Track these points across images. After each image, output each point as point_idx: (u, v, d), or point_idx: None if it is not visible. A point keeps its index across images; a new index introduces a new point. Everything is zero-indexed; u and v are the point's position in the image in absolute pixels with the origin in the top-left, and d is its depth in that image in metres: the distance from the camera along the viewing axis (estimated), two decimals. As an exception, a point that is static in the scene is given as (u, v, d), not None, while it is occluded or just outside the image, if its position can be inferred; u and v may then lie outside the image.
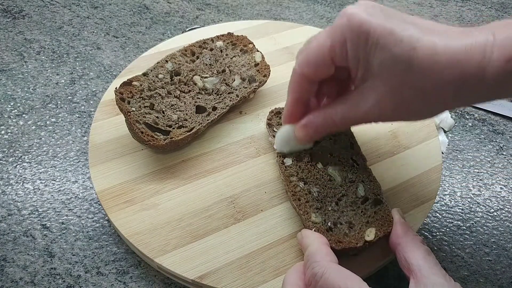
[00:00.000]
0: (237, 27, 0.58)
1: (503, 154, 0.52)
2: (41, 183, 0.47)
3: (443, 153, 0.51)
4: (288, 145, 0.40)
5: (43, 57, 0.62)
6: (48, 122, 0.53)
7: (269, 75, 0.48)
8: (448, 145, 0.52)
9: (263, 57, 0.50)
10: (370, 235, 0.35)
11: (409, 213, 0.40)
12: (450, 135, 0.54)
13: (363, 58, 0.30)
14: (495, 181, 0.49)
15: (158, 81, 0.45)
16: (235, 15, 0.72)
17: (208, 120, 0.44)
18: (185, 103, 0.44)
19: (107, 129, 0.46)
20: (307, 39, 0.34)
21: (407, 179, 0.43)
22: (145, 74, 0.45)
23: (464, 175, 0.49)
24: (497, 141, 0.53)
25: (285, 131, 0.39)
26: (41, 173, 0.48)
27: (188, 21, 0.70)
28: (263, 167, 0.43)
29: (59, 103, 0.56)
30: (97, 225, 0.44)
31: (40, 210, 0.45)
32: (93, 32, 0.67)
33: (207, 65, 0.48)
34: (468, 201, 0.47)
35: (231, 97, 0.46)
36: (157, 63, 0.46)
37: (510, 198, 0.47)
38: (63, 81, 0.59)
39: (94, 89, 0.57)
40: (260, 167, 0.43)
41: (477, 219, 0.45)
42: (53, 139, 0.51)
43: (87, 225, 0.44)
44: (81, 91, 0.57)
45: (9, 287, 0.39)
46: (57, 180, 0.47)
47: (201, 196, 0.41)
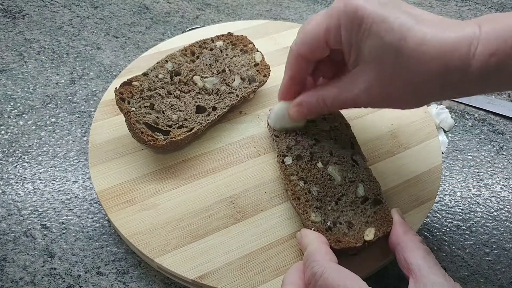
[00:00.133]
0: (237, 27, 0.58)
1: (503, 154, 0.52)
2: (41, 183, 0.47)
3: (443, 153, 0.51)
4: (281, 122, 0.41)
5: (43, 57, 0.62)
6: (48, 122, 0.53)
7: (269, 75, 0.48)
8: (448, 145, 0.52)
9: (263, 57, 0.50)
10: (369, 235, 0.35)
11: (409, 213, 0.40)
12: (450, 135, 0.54)
13: (356, 43, 0.30)
14: (495, 181, 0.49)
15: (158, 81, 0.45)
16: (235, 15, 0.72)
17: (208, 120, 0.44)
18: (185, 103, 0.44)
19: (107, 129, 0.46)
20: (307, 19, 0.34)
21: (407, 179, 0.43)
22: (145, 74, 0.45)
23: (464, 175, 0.49)
24: (497, 141, 0.53)
25: (280, 108, 0.40)
26: (41, 173, 0.48)
27: (188, 21, 0.70)
28: (263, 167, 0.43)
29: (59, 103, 0.56)
30: (97, 225, 0.44)
31: (40, 210, 0.45)
32: (93, 32, 0.67)
33: (207, 65, 0.48)
34: (468, 201, 0.47)
35: (231, 97, 0.46)
36: (157, 63, 0.46)
37: (510, 198, 0.47)
38: (63, 81, 0.59)
39: (94, 89, 0.57)
40: (260, 167, 0.43)
41: (477, 219, 0.45)
42: (53, 139, 0.51)
43: (87, 225, 0.44)
44: (81, 91, 0.57)
45: (9, 287, 0.39)
46: (57, 180, 0.47)
47: (201, 196, 0.41)
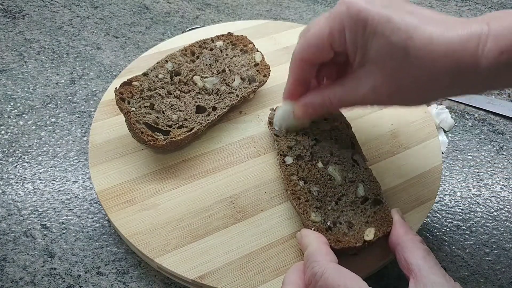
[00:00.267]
0: (237, 27, 0.58)
1: (503, 154, 0.52)
2: (41, 183, 0.47)
3: (443, 153, 0.51)
4: (286, 122, 0.41)
5: (43, 57, 0.62)
6: (48, 122, 0.53)
7: (269, 75, 0.48)
8: (448, 145, 0.52)
9: (263, 57, 0.50)
10: (369, 235, 0.35)
11: (409, 213, 0.40)
12: (450, 135, 0.54)
13: (361, 45, 0.30)
14: (495, 181, 0.49)
15: (158, 81, 0.45)
16: (235, 15, 0.72)
17: (208, 120, 0.44)
18: (185, 103, 0.44)
19: (107, 129, 0.46)
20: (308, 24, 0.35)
21: (407, 179, 0.43)
22: (145, 74, 0.45)
23: (464, 175, 0.49)
24: (497, 141, 0.53)
25: (284, 109, 0.40)
26: (41, 173, 0.48)
27: (188, 21, 0.70)
28: (263, 167, 0.43)
29: (59, 103, 0.56)
30: (97, 225, 0.44)
31: (40, 210, 0.45)
32: (93, 32, 0.67)
33: (207, 65, 0.48)
34: (468, 201, 0.47)
35: (231, 97, 0.46)
36: (157, 63, 0.46)
37: (510, 198, 0.47)
38: (63, 81, 0.59)
39: (94, 89, 0.57)
40: (260, 167, 0.43)
41: (477, 219, 0.45)
42: (53, 139, 0.51)
43: (87, 225, 0.44)
44: (81, 91, 0.57)
45: (9, 287, 0.39)
46: (57, 180, 0.47)
47: (201, 196, 0.41)
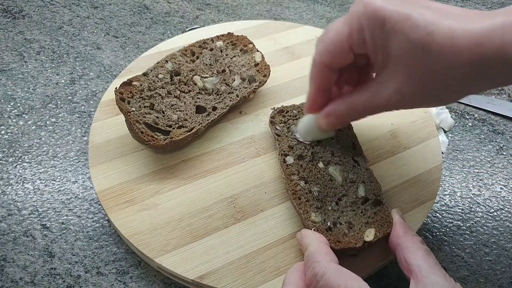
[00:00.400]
0: (237, 27, 0.58)
1: (503, 154, 0.52)
2: (41, 183, 0.47)
3: (443, 153, 0.51)
4: (311, 134, 0.40)
5: (43, 57, 0.62)
6: (48, 122, 0.53)
7: (269, 75, 0.48)
8: (448, 145, 0.52)
9: (263, 57, 0.50)
10: (369, 235, 0.35)
11: (409, 213, 0.40)
12: (450, 135, 0.54)
13: (381, 44, 0.30)
14: (495, 181, 0.49)
15: (158, 81, 0.45)
16: (235, 15, 0.72)
17: (208, 120, 0.44)
18: (185, 103, 0.44)
19: (107, 129, 0.46)
20: (324, 30, 0.34)
21: (407, 179, 0.43)
22: (145, 74, 0.45)
23: (464, 175, 0.49)
24: (497, 141, 0.53)
25: (308, 121, 0.39)
26: (41, 173, 0.48)
27: (188, 21, 0.70)
28: (263, 167, 0.43)
29: (59, 103, 0.56)
30: (97, 225, 0.44)
31: (40, 210, 0.45)
32: (93, 32, 0.67)
33: (207, 65, 0.48)
34: (468, 201, 0.47)
35: (231, 97, 0.46)
36: (157, 63, 0.46)
37: (510, 198, 0.47)
38: (63, 81, 0.59)
39: (94, 89, 0.57)
40: (260, 167, 0.43)
41: (477, 219, 0.45)
42: (53, 139, 0.51)
43: (87, 225, 0.44)
44: (81, 91, 0.57)
45: (9, 287, 0.39)
46: (57, 180, 0.47)
47: (201, 196, 0.41)
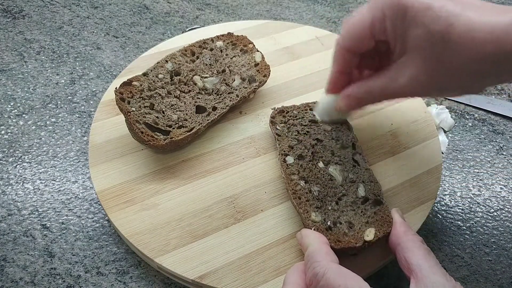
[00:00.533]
0: (237, 27, 0.58)
1: (503, 154, 0.52)
2: (41, 183, 0.47)
3: (443, 153, 0.51)
4: (328, 114, 0.42)
5: (43, 57, 0.62)
6: (48, 122, 0.53)
7: (269, 75, 0.48)
8: (448, 145, 0.52)
9: (263, 57, 0.50)
10: (369, 235, 0.35)
11: (409, 213, 0.40)
12: (450, 135, 0.54)
13: (401, 33, 0.30)
14: (495, 181, 0.49)
15: (158, 81, 0.45)
16: (235, 15, 0.72)
17: (208, 120, 0.44)
18: (185, 103, 0.44)
19: (107, 129, 0.46)
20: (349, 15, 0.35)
21: (407, 179, 0.43)
22: (145, 74, 0.45)
23: (464, 175, 0.49)
24: (497, 141, 0.53)
25: (327, 101, 0.40)
26: (41, 173, 0.48)
27: (188, 21, 0.70)
28: (263, 167, 0.43)
29: (59, 103, 0.56)
30: (97, 225, 0.44)
31: (40, 210, 0.45)
32: (93, 32, 0.67)
33: (207, 65, 0.48)
34: (468, 201, 0.47)
35: (231, 97, 0.46)
36: (157, 63, 0.46)
37: (510, 198, 0.47)
38: (63, 81, 0.59)
39: (94, 89, 0.57)
40: (260, 167, 0.43)
41: (477, 219, 0.45)
42: (53, 139, 0.51)
43: (87, 225, 0.44)
44: (81, 91, 0.57)
45: (9, 287, 0.39)
46: (57, 180, 0.47)
47: (201, 196, 0.41)
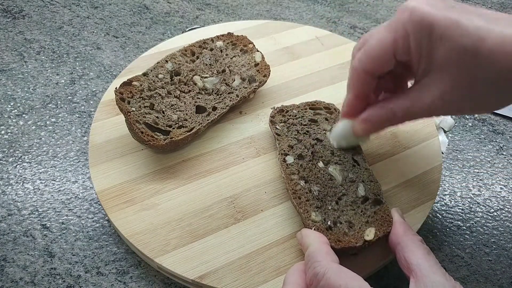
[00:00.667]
0: (237, 27, 0.58)
1: (503, 154, 0.52)
2: (41, 183, 0.47)
3: (443, 153, 0.51)
4: (346, 139, 0.40)
5: (43, 57, 0.62)
6: (48, 122, 0.53)
7: (269, 75, 0.48)
8: (448, 145, 0.52)
9: (263, 57, 0.50)
10: (369, 234, 0.35)
11: (409, 213, 0.40)
12: (450, 135, 0.54)
13: (426, 51, 0.30)
14: (495, 181, 0.49)
15: (158, 81, 0.45)
16: (235, 15, 0.72)
17: (208, 120, 0.44)
18: (185, 103, 0.44)
19: (107, 129, 0.46)
20: (362, 36, 0.34)
21: (407, 179, 0.43)
22: (145, 74, 0.45)
23: (464, 175, 0.49)
24: (497, 141, 0.53)
25: (343, 126, 0.39)
26: (41, 173, 0.48)
27: (188, 21, 0.70)
28: (263, 167, 0.43)
29: (59, 103, 0.56)
30: (97, 225, 0.44)
31: (40, 210, 0.45)
32: (93, 32, 0.67)
33: (207, 65, 0.48)
34: (468, 201, 0.47)
35: (231, 97, 0.46)
36: (157, 63, 0.46)
37: (510, 198, 0.47)
38: (63, 81, 0.59)
39: (94, 89, 0.57)
40: (260, 167, 0.43)
41: (477, 219, 0.45)
42: (53, 139, 0.51)
43: (87, 225, 0.44)
44: (81, 91, 0.57)
45: (9, 287, 0.39)
46: (57, 180, 0.47)
47: (201, 196, 0.41)
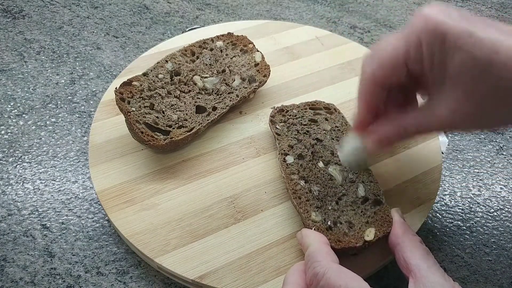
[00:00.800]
0: (237, 27, 0.58)
1: (503, 154, 0.52)
2: (41, 183, 0.47)
3: (443, 153, 0.51)
4: (357, 158, 0.38)
5: (43, 57, 0.62)
6: (48, 122, 0.53)
7: (269, 75, 0.48)
8: (448, 145, 0.52)
9: (263, 57, 0.50)
10: (369, 235, 0.35)
11: (409, 213, 0.40)
12: (450, 135, 0.54)
13: (439, 60, 0.29)
14: (495, 181, 0.49)
15: (158, 81, 0.45)
16: (235, 15, 0.72)
17: (208, 120, 0.44)
18: (185, 103, 0.44)
19: (107, 129, 0.46)
20: (373, 46, 0.33)
21: (407, 179, 0.43)
22: (145, 74, 0.45)
23: (464, 175, 0.49)
24: (497, 141, 0.53)
25: (354, 146, 0.37)
26: (41, 173, 0.48)
27: (188, 21, 0.70)
28: (263, 167, 0.43)
29: (59, 103, 0.56)
30: (97, 225, 0.44)
31: (40, 210, 0.45)
32: (93, 32, 0.67)
33: (207, 65, 0.48)
34: (468, 201, 0.47)
35: (231, 97, 0.46)
36: (157, 63, 0.46)
37: (510, 198, 0.47)
38: (63, 81, 0.59)
39: (94, 89, 0.57)
40: (260, 167, 0.43)
41: (477, 219, 0.45)
42: (53, 139, 0.51)
43: (87, 225, 0.44)
44: (81, 91, 0.57)
45: (9, 287, 0.39)
46: (57, 180, 0.47)
47: (201, 196, 0.41)
